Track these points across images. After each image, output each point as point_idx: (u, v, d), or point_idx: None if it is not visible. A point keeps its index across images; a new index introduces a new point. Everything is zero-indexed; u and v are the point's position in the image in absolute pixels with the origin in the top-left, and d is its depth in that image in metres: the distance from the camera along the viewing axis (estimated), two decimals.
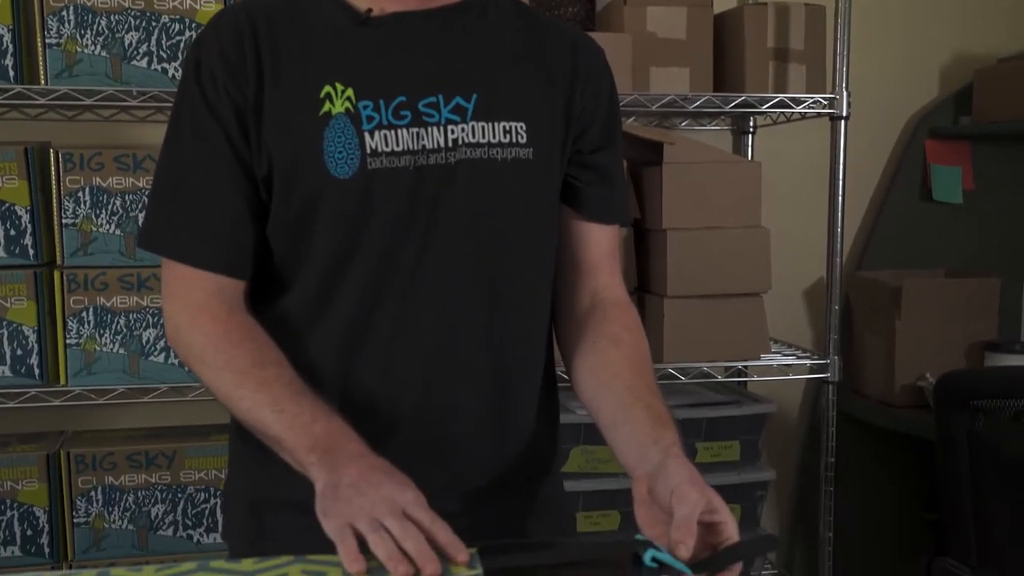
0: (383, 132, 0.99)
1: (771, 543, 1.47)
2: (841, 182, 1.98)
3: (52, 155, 1.74)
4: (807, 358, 2.03)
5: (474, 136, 1.01)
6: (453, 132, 1.00)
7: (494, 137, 1.02)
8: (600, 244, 1.14)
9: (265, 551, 0.88)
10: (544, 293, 1.11)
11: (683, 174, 1.91)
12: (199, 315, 1.01)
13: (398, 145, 0.99)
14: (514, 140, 1.03)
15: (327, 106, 0.98)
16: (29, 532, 1.77)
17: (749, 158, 2.29)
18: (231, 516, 1.17)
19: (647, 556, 0.85)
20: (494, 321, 1.05)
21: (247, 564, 0.85)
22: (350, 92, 0.98)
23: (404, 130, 0.99)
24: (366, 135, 0.98)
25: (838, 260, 2.01)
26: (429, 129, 1.00)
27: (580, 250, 1.13)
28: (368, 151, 0.98)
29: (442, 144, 1.00)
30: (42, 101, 1.71)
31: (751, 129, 2.30)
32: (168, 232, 1.03)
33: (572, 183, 1.11)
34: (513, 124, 1.03)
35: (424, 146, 0.99)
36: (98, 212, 1.75)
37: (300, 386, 0.97)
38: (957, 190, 2.35)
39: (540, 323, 1.11)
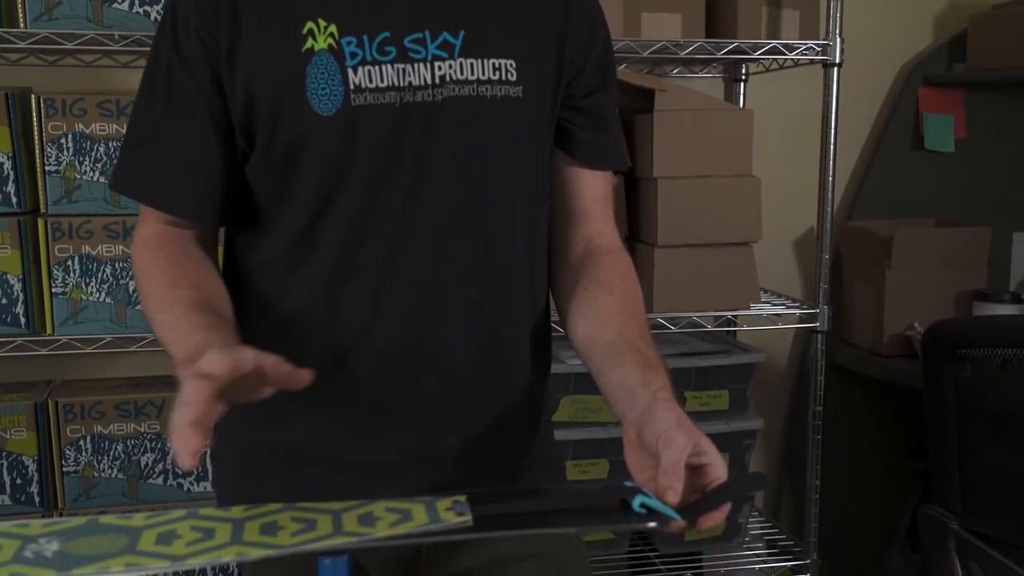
0: (367, 68, 0.97)
1: (759, 481, 1.47)
2: (833, 131, 1.97)
3: (33, 101, 1.71)
4: (796, 307, 2.03)
5: (462, 73, 0.99)
6: (440, 68, 0.98)
7: (483, 74, 1.00)
8: (593, 190, 1.13)
9: (253, 500, 0.88)
10: (535, 235, 1.09)
11: (674, 122, 1.89)
12: (139, 247, 1.04)
13: (383, 81, 0.97)
14: (503, 78, 1.01)
15: (309, 42, 0.97)
16: (19, 481, 1.77)
17: (741, 106, 2.27)
18: (219, 465, 1.17)
19: (635, 502, 0.85)
20: (482, 260, 1.03)
21: (236, 511, 0.84)
22: (333, 28, 0.97)
23: (389, 66, 0.97)
24: (349, 71, 0.96)
25: (829, 209, 2.00)
26: (415, 65, 0.98)
27: (573, 196, 1.12)
28: (352, 87, 0.96)
29: (429, 81, 0.98)
30: (22, 45, 1.67)
31: (743, 77, 2.28)
32: (133, 175, 1.04)
33: (565, 127, 1.09)
34: (502, 61, 1.01)
35: (410, 83, 0.98)
36: (81, 159, 1.72)
37: (201, 304, 0.96)
38: (949, 139, 2.34)
39: (533, 263, 1.10)
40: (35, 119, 1.71)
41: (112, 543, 0.79)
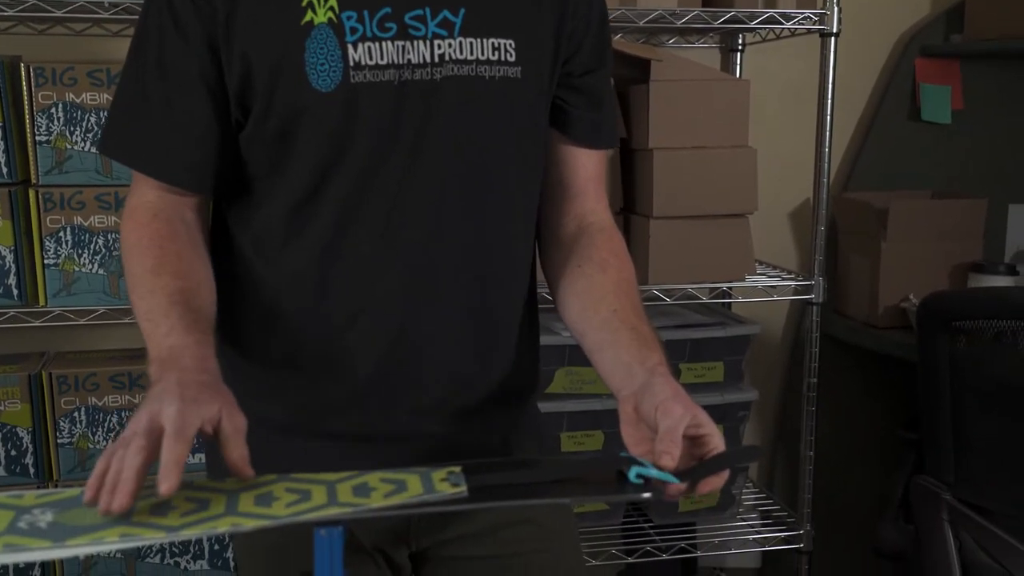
0: (367, 44, 0.96)
1: (756, 452, 1.49)
2: (830, 101, 1.96)
3: (23, 69, 1.69)
4: (792, 279, 2.03)
5: (461, 52, 0.98)
6: (439, 47, 0.97)
7: (482, 54, 0.99)
8: (587, 168, 1.12)
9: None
10: (529, 215, 1.10)
11: (670, 92, 1.88)
12: (127, 220, 1.01)
13: (382, 59, 0.96)
14: (502, 58, 1.00)
15: (308, 15, 0.95)
16: (13, 452, 1.77)
17: (737, 77, 2.25)
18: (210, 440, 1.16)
19: (632, 473, 0.85)
20: (477, 241, 1.03)
21: (231, 483, 0.84)
22: (333, 2, 0.95)
23: (389, 43, 0.96)
24: (349, 47, 0.95)
25: (825, 181, 1.99)
26: (415, 43, 0.97)
27: (567, 174, 1.11)
28: (351, 64, 0.95)
29: (428, 59, 0.97)
30: (10, 13, 1.65)
31: (740, 47, 2.26)
32: (123, 139, 1.02)
33: (561, 106, 1.09)
34: (502, 41, 1.00)
35: (409, 60, 0.97)
36: (72, 129, 1.71)
37: (182, 298, 0.94)
38: (946, 110, 2.33)
39: (525, 243, 1.10)
40: (25, 87, 1.69)
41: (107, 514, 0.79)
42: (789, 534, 2.07)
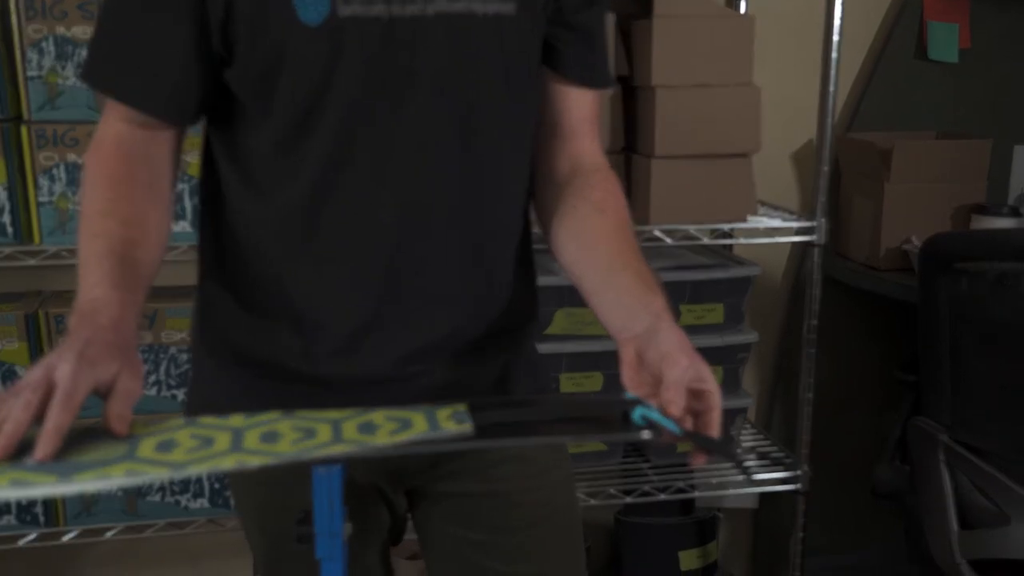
0: None
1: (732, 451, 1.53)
2: (836, 39, 1.92)
3: (12, 2, 1.65)
4: (794, 220, 2.01)
5: None
6: None
7: None
8: (581, 109, 1.10)
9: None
10: (521, 153, 1.08)
11: (674, 28, 1.84)
12: (92, 152, 0.99)
13: None
14: None
15: None
16: None
17: (742, 13, 2.21)
18: (198, 388, 1.15)
19: (636, 414, 0.85)
20: (469, 178, 1.01)
21: (236, 420, 0.84)
22: None
23: None
24: None
25: (829, 121, 1.96)
26: None
27: (560, 114, 1.10)
28: None
29: None
30: None
31: None
32: (100, 67, 0.99)
33: (554, 44, 1.06)
34: None
35: None
36: (63, 64, 1.67)
37: (122, 248, 0.93)
38: (953, 48, 2.29)
39: (518, 180, 1.08)
40: (15, 21, 1.66)
41: (111, 450, 0.78)
42: (786, 475, 2.08)
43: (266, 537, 1.12)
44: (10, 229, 1.71)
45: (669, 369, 0.87)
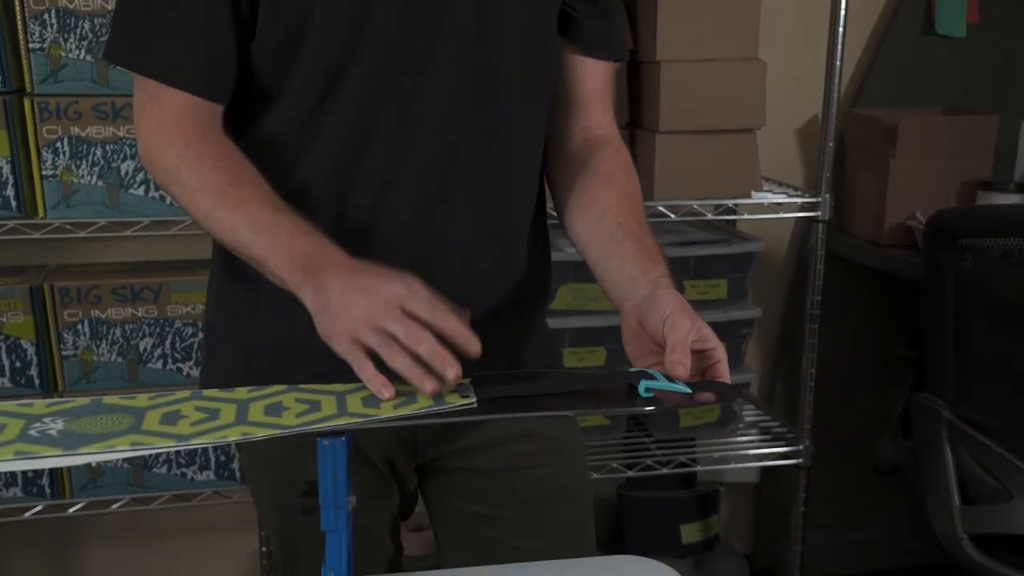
0: None
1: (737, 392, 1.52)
2: (843, 13, 1.91)
3: None
4: (798, 196, 2.01)
5: None
6: None
7: None
8: (595, 80, 1.10)
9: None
10: (538, 122, 1.08)
11: (679, 2, 1.83)
12: (171, 135, 0.97)
13: None
14: None
15: None
16: (18, 364, 1.78)
17: None
18: (213, 365, 1.14)
19: (641, 387, 0.85)
20: (488, 149, 1.01)
21: (241, 392, 0.84)
22: None
23: None
24: None
25: (835, 96, 1.95)
26: None
27: (573, 84, 1.09)
28: None
29: None
30: None
31: None
32: (140, 46, 0.96)
33: (569, 14, 1.06)
34: None
35: None
36: (66, 36, 1.66)
37: (277, 203, 0.93)
38: (961, 22, 2.27)
39: (535, 153, 1.08)
40: None
41: (117, 422, 0.79)
42: (788, 449, 2.09)
43: (279, 512, 1.12)
44: (13, 202, 1.71)
45: (671, 332, 0.87)
